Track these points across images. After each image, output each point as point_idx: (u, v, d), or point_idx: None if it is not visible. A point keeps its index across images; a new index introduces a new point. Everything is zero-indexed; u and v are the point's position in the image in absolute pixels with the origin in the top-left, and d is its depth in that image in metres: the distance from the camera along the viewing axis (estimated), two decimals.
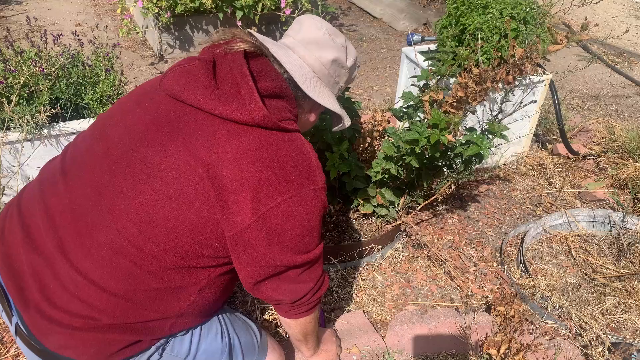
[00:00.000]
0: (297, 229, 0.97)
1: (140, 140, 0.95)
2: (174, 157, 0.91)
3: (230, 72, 0.97)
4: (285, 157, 0.95)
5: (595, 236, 2.18)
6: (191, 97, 0.94)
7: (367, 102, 3.47)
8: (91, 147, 1.00)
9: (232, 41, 1.03)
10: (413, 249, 2.08)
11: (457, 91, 1.71)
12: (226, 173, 0.90)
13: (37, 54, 1.94)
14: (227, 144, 0.91)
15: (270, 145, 0.94)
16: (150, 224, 0.91)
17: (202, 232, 0.92)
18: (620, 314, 1.77)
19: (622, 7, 5.75)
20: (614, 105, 3.59)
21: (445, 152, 1.80)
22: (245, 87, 0.94)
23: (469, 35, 2.29)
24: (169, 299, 0.97)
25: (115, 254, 0.91)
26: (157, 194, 0.91)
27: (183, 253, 0.93)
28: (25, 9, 4.61)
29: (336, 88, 1.17)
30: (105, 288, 0.91)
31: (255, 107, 0.92)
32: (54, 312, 0.91)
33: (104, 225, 0.91)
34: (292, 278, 1.03)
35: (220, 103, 0.93)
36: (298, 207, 0.96)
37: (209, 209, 0.91)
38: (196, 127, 0.93)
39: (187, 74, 0.98)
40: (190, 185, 0.90)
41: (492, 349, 1.47)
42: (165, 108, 0.97)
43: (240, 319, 1.22)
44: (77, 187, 0.96)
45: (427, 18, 5.07)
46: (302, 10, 3.80)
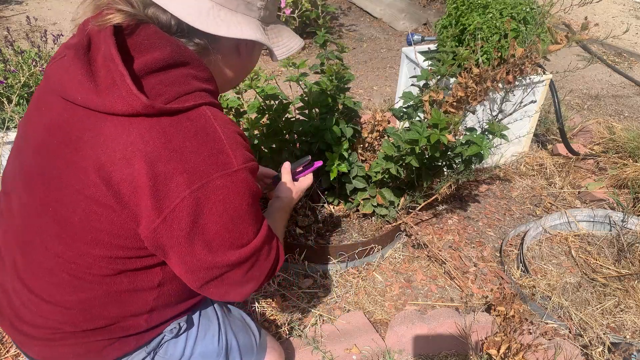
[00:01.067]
0: (217, 223, 0.83)
1: (39, 152, 0.86)
2: (69, 167, 0.82)
3: (104, 56, 0.80)
4: (182, 143, 0.79)
5: (595, 236, 2.18)
6: (71, 95, 0.81)
7: (367, 102, 3.47)
8: (12, 164, 0.95)
9: (102, 13, 0.83)
10: (413, 249, 2.08)
11: (457, 91, 1.71)
12: (119, 175, 0.78)
13: (37, 54, 1.94)
14: (115, 142, 0.78)
15: (163, 133, 0.78)
16: (70, 240, 0.85)
17: (122, 238, 0.83)
18: (620, 314, 1.77)
19: (622, 7, 5.75)
20: (614, 105, 3.59)
21: (445, 152, 1.80)
22: (117, 74, 0.77)
23: (469, 35, 2.29)
24: (127, 300, 0.91)
25: (54, 271, 0.88)
26: (65, 209, 0.83)
27: (116, 260, 0.86)
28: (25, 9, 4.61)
29: (253, 10, 0.91)
30: (56, 304, 0.90)
31: (131, 97, 0.76)
32: (24, 326, 0.92)
33: (37, 245, 0.89)
34: (238, 280, 0.91)
35: (99, 96, 0.78)
36: (211, 198, 0.80)
37: (116, 215, 0.81)
38: (82, 128, 0.81)
39: (62, 69, 0.83)
40: (90, 193, 0.80)
41: (492, 349, 1.47)
42: (56, 111, 0.85)
43: (238, 319, 1.21)
44: (15, 207, 0.92)
45: (427, 18, 5.07)
46: (302, 10, 3.80)
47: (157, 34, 0.83)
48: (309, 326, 1.67)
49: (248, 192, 0.85)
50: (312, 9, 3.87)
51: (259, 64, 3.97)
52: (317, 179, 2.00)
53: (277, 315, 1.70)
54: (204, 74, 0.88)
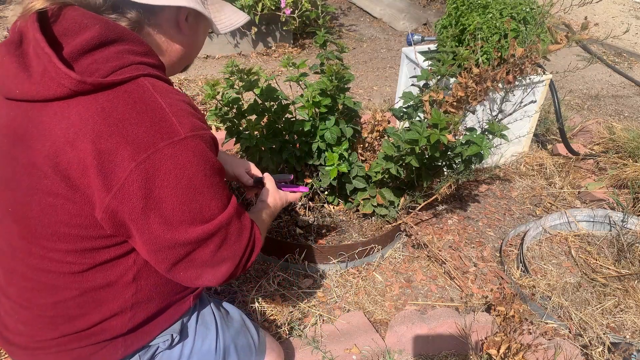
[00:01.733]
0: (172, 195, 0.78)
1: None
2: (20, 164, 0.80)
3: (30, 45, 0.78)
4: (122, 116, 0.76)
5: (595, 236, 2.18)
6: (10, 92, 0.79)
7: (367, 102, 3.47)
8: None
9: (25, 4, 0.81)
10: (413, 249, 2.08)
11: (457, 91, 1.71)
12: (66, 159, 0.76)
13: None
14: (57, 127, 0.76)
15: (101, 109, 0.76)
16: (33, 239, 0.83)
17: (82, 228, 0.80)
18: (620, 314, 1.77)
19: (622, 7, 5.75)
20: (614, 105, 3.59)
21: (445, 152, 1.80)
22: (44, 57, 0.75)
23: (469, 35, 2.29)
24: (104, 298, 0.89)
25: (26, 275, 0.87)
26: (22, 207, 0.82)
27: (83, 253, 0.83)
28: None
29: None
30: (34, 309, 0.89)
31: (62, 76, 0.74)
32: (10, 336, 0.93)
33: (5, 250, 0.89)
34: (207, 260, 0.86)
35: (33, 86, 0.76)
36: (160, 169, 0.76)
37: (71, 203, 0.78)
38: (27, 121, 0.79)
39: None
40: (43, 186, 0.78)
41: (492, 349, 1.47)
42: (2, 112, 0.83)
43: (237, 321, 1.20)
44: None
45: (427, 18, 5.07)
46: (302, 10, 3.80)
47: (83, 15, 0.79)
48: (309, 326, 1.67)
49: (202, 161, 0.81)
50: (312, 9, 3.87)
51: (259, 64, 3.97)
52: (317, 179, 2.00)
53: (277, 315, 1.70)
54: (140, 47, 0.83)
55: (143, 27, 0.86)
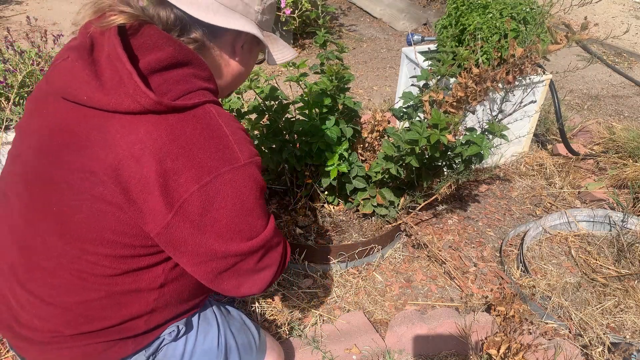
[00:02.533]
0: (227, 216, 0.84)
1: (40, 155, 0.87)
2: (75, 167, 0.82)
3: (108, 57, 0.81)
4: (189, 139, 0.81)
5: (595, 236, 2.18)
6: (76, 95, 0.82)
7: (367, 102, 3.47)
8: (11, 168, 0.95)
9: (104, 16, 0.85)
10: (413, 249, 2.08)
11: (457, 91, 1.71)
12: (128, 172, 0.79)
13: (37, 54, 1.94)
14: (123, 139, 0.79)
15: (170, 130, 0.80)
16: (74, 240, 0.85)
17: (127, 236, 0.84)
18: (620, 314, 1.77)
19: (622, 7, 5.75)
20: (613, 105, 3.59)
21: (445, 152, 1.80)
22: (124, 72, 0.79)
23: (469, 35, 2.29)
24: (128, 301, 0.91)
25: (56, 272, 0.88)
26: (69, 209, 0.83)
27: (120, 259, 0.86)
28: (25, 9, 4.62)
29: (251, 12, 0.94)
30: (57, 305, 0.89)
31: (139, 94, 0.78)
32: (23, 330, 0.92)
33: (37, 246, 0.89)
34: (251, 269, 0.92)
35: (105, 95, 0.79)
36: (220, 192, 0.82)
37: (123, 213, 0.81)
38: (89, 128, 0.81)
39: (65, 70, 0.85)
40: (97, 192, 0.81)
41: (492, 349, 1.47)
42: (59, 113, 0.85)
43: (238, 320, 1.21)
44: (13, 211, 0.92)
45: (427, 18, 5.07)
46: (302, 10, 3.80)
47: (158, 34, 0.84)
48: (309, 326, 1.67)
49: (255, 186, 0.87)
50: (312, 9, 3.87)
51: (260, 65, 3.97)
52: (317, 179, 2.00)
53: (277, 315, 1.70)
54: (204, 73, 0.89)
55: (206, 47, 0.92)
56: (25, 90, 1.85)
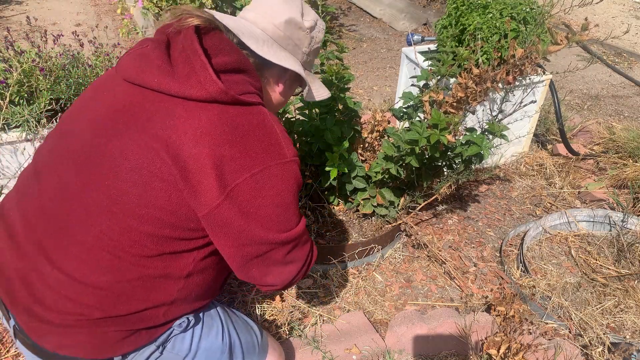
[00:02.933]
0: (269, 205, 0.93)
1: (100, 131, 0.93)
2: (135, 143, 0.89)
3: (183, 50, 0.94)
4: (247, 131, 0.91)
5: (595, 236, 2.18)
6: (146, 79, 0.92)
7: (367, 102, 3.47)
8: (55, 147, 0.99)
9: (182, 18, 1.00)
10: (413, 249, 2.08)
11: (457, 91, 1.71)
12: (188, 153, 0.87)
13: (37, 54, 1.94)
14: (186, 123, 0.88)
15: (230, 120, 0.90)
16: (121, 215, 0.89)
17: (175, 215, 0.90)
18: (620, 314, 1.77)
19: (622, 7, 5.75)
20: (613, 105, 3.59)
21: (445, 152, 1.80)
22: (198, 63, 0.91)
23: (469, 35, 2.29)
24: (156, 287, 0.95)
25: (93, 249, 0.90)
26: (123, 183, 0.89)
27: (160, 239, 0.91)
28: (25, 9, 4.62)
29: (299, 52, 1.11)
30: (89, 284, 0.91)
31: (210, 82, 0.89)
32: (45, 312, 0.92)
33: (78, 221, 0.91)
34: (279, 260, 0.99)
35: (175, 82, 0.90)
36: (267, 183, 0.92)
37: (176, 191, 0.88)
38: (154, 110, 0.90)
39: (140, 57, 0.95)
40: (154, 169, 0.88)
41: (492, 349, 1.47)
42: (122, 95, 0.95)
43: (240, 319, 1.22)
44: (47, 188, 0.95)
45: (427, 18, 5.07)
46: None
47: (226, 41, 0.99)
48: (309, 326, 1.67)
49: (295, 183, 0.97)
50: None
51: None
52: (317, 179, 2.00)
53: (277, 315, 1.70)
54: (257, 84, 1.02)
55: (260, 67, 1.05)
56: (24, 90, 1.85)
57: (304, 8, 1.12)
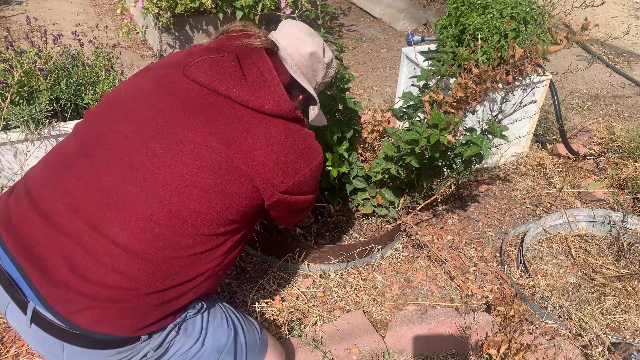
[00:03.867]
0: (310, 186, 1.21)
1: (177, 121, 1.02)
2: (216, 140, 1.02)
3: (255, 66, 1.10)
4: (301, 142, 1.14)
5: (595, 236, 2.18)
6: (223, 88, 1.05)
7: (367, 102, 3.47)
8: (114, 127, 1.04)
9: (245, 35, 1.17)
10: (413, 249, 2.08)
11: (457, 91, 1.71)
12: (262, 159, 1.05)
13: (37, 54, 1.94)
14: (260, 133, 1.06)
15: (291, 133, 1.11)
16: (194, 197, 0.99)
17: (243, 202, 1.05)
18: (620, 314, 1.77)
19: (622, 7, 5.75)
20: (614, 105, 3.59)
21: (445, 152, 1.80)
22: (272, 81, 1.08)
23: (469, 35, 2.29)
24: (200, 261, 1.03)
25: (158, 225, 0.96)
26: (201, 170, 1.00)
27: (223, 222, 1.04)
28: (25, 9, 4.61)
29: (314, 81, 1.32)
30: (144, 257, 0.95)
31: (283, 101, 1.08)
32: (88, 287, 0.92)
33: (144, 197, 0.96)
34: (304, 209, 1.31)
35: (252, 95, 1.06)
36: (311, 176, 1.18)
37: (250, 184, 1.05)
38: (231, 115, 1.05)
39: (217, 65, 1.08)
40: (235, 168, 1.02)
41: (492, 349, 1.47)
42: (194, 93, 1.06)
43: (240, 314, 1.24)
44: (105, 166, 0.99)
45: (427, 18, 5.07)
46: (302, 10, 3.80)
47: (282, 63, 1.21)
48: (309, 326, 1.67)
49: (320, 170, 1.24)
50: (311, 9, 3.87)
51: None
52: None
53: (277, 315, 1.70)
54: (297, 100, 1.28)
55: None
56: (24, 90, 1.85)
57: (325, 46, 1.31)
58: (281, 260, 1.90)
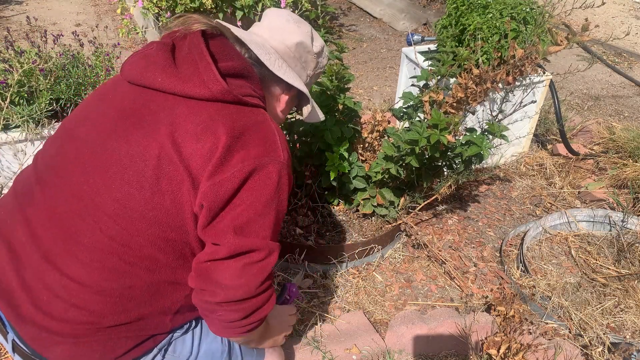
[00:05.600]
0: (250, 202, 0.91)
1: (107, 133, 0.94)
2: (141, 145, 0.90)
3: (189, 52, 0.97)
4: (245, 127, 0.93)
5: (595, 236, 2.18)
6: (150, 79, 0.94)
7: (367, 102, 3.47)
8: (61, 150, 0.98)
9: (189, 24, 1.03)
10: (413, 249, 2.08)
11: (457, 92, 1.71)
12: (191, 149, 0.89)
13: (37, 54, 1.94)
14: (188, 120, 0.91)
15: (230, 115, 0.93)
16: (129, 218, 0.90)
17: (179, 217, 0.91)
18: (620, 314, 1.78)
19: (622, 7, 5.75)
20: (614, 105, 3.59)
21: (445, 152, 1.80)
22: (203, 64, 0.94)
23: (469, 35, 2.29)
24: (165, 292, 0.96)
25: (104, 255, 0.90)
26: (129, 186, 0.89)
27: (167, 242, 0.92)
28: (25, 9, 4.61)
29: (304, 74, 1.17)
30: (99, 290, 0.90)
31: (213, 81, 0.92)
32: (52, 323, 0.90)
33: (87, 227, 0.90)
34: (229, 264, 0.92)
35: (179, 81, 0.93)
36: (255, 177, 0.92)
37: (182, 189, 0.90)
38: (158, 110, 0.93)
39: (144, 57, 0.98)
40: (161, 170, 0.89)
41: (492, 349, 1.47)
42: (128, 97, 0.96)
43: None
44: (54, 194, 0.94)
45: (427, 18, 5.07)
46: (302, 10, 3.80)
47: (231, 47, 1.03)
48: (309, 326, 1.67)
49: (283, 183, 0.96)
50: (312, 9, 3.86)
51: None
52: (317, 179, 2.00)
53: None
54: (259, 92, 1.04)
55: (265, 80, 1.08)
56: (24, 90, 1.85)
57: (313, 33, 1.17)
58: (281, 260, 1.90)
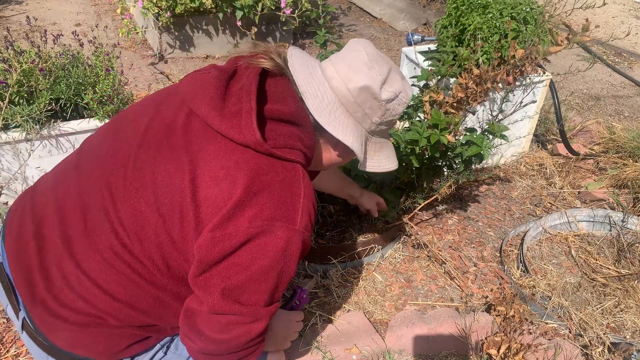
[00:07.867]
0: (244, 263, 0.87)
1: (143, 144, 0.94)
2: (167, 170, 0.90)
3: (241, 88, 0.93)
4: (267, 183, 0.88)
5: (595, 236, 2.18)
6: (197, 106, 0.93)
7: None
8: (103, 142, 1.00)
9: (257, 55, 0.99)
10: (413, 249, 2.08)
11: (457, 92, 1.71)
12: (205, 193, 0.87)
13: (36, 53, 1.94)
14: (215, 161, 0.88)
15: (256, 167, 0.88)
16: (141, 235, 0.90)
17: (185, 247, 0.91)
18: (620, 314, 1.77)
19: (622, 7, 5.75)
20: (614, 105, 3.59)
21: (446, 152, 1.80)
22: (246, 107, 0.89)
23: (469, 35, 2.29)
24: (170, 307, 0.97)
25: (116, 258, 0.91)
26: (147, 206, 0.90)
27: (169, 269, 0.93)
28: (25, 9, 4.61)
29: (366, 122, 1.04)
30: (108, 292, 0.92)
31: (248, 130, 0.88)
32: (61, 309, 0.92)
33: (105, 227, 0.91)
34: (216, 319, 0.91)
35: (219, 118, 0.90)
36: (258, 239, 0.86)
37: (189, 228, 0.89)
38: (193, 139, 0.91)
39: (200, 81, 0.96)
40: (175, 203, 0.88)
41: (492, 349, 1.47)
42: (175, 114, 0.96)
43: None
44: (86, 183, 0.96)
45: (427, 18, 5.07)
46: (302, 10, 3.80)
47: (289, 90, 0.97)
48: (309, 326, 1.67)
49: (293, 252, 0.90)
50: (312, 9, 3.87)
51: None
52: None
53: None
54: (309, 141, 0.98)
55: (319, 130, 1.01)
56: (24, 90, 1.85)
57: (389, 76, 1.03)
58: None
